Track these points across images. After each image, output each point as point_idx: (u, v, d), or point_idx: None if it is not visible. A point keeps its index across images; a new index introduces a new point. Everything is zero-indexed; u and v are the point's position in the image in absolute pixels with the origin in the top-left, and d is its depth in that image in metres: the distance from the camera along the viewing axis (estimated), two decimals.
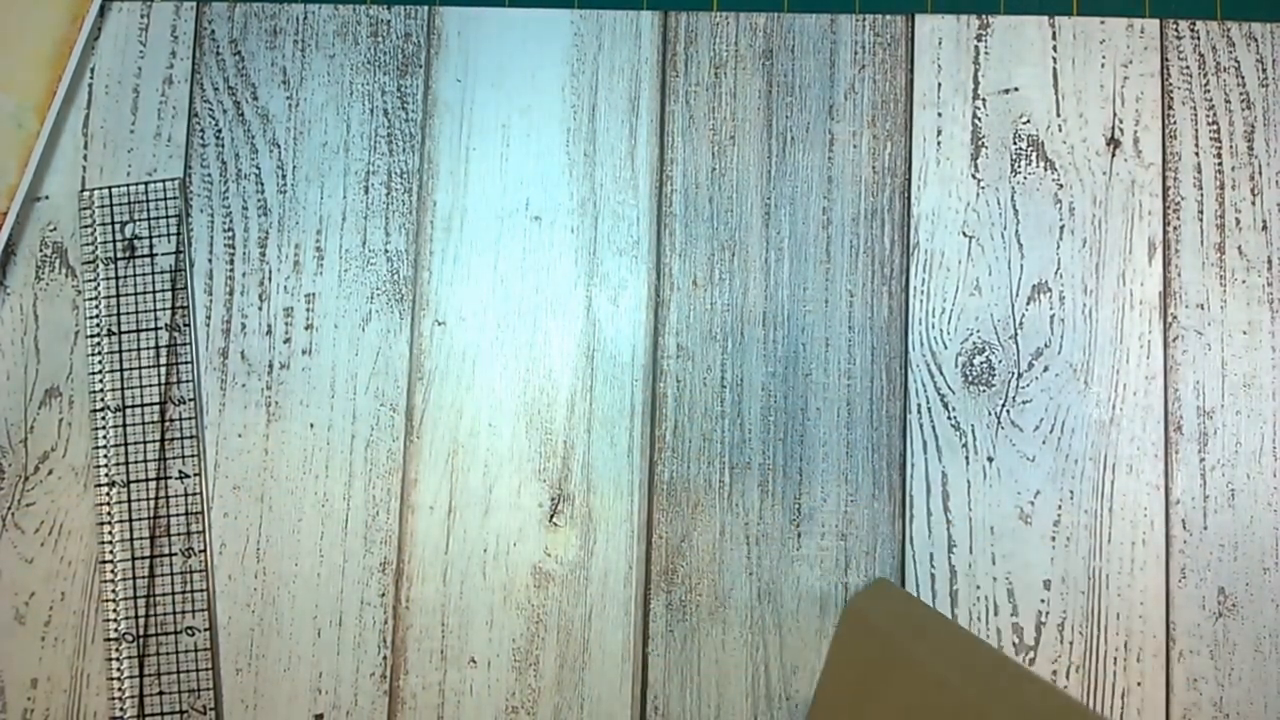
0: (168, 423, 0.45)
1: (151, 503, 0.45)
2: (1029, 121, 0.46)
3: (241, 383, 0.46)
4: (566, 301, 0.46)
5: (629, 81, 0.47)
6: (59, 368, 0.46)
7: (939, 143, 0.46)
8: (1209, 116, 0.46)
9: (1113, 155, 0.46)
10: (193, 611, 0.44)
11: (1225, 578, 0.44)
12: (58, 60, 0.47)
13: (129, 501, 0.45)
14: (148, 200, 0.47)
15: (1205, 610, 0.44)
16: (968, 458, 0.45)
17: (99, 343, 0.46)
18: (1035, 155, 0.46)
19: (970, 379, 0.45)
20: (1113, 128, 0.46)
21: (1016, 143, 0.46)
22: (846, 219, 0.46)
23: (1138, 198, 0.46)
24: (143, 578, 0.44)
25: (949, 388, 0.45)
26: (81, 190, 0.47)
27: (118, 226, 0.46)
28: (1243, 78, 0.46)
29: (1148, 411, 0.45)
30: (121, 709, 0.44)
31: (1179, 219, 0.46)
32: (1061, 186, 0.46)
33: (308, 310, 0.46)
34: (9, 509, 0.45)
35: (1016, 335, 0.45)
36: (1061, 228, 0.46)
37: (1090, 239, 0.46)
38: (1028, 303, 0.45)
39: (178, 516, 0.45)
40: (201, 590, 0.44)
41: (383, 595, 0.45)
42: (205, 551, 0.45)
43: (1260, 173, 0.46)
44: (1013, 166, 0.46)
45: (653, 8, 0.47)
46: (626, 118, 0.47)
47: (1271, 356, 0.45)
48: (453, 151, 0.47)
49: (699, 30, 0.47)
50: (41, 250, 0.47)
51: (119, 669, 0.44)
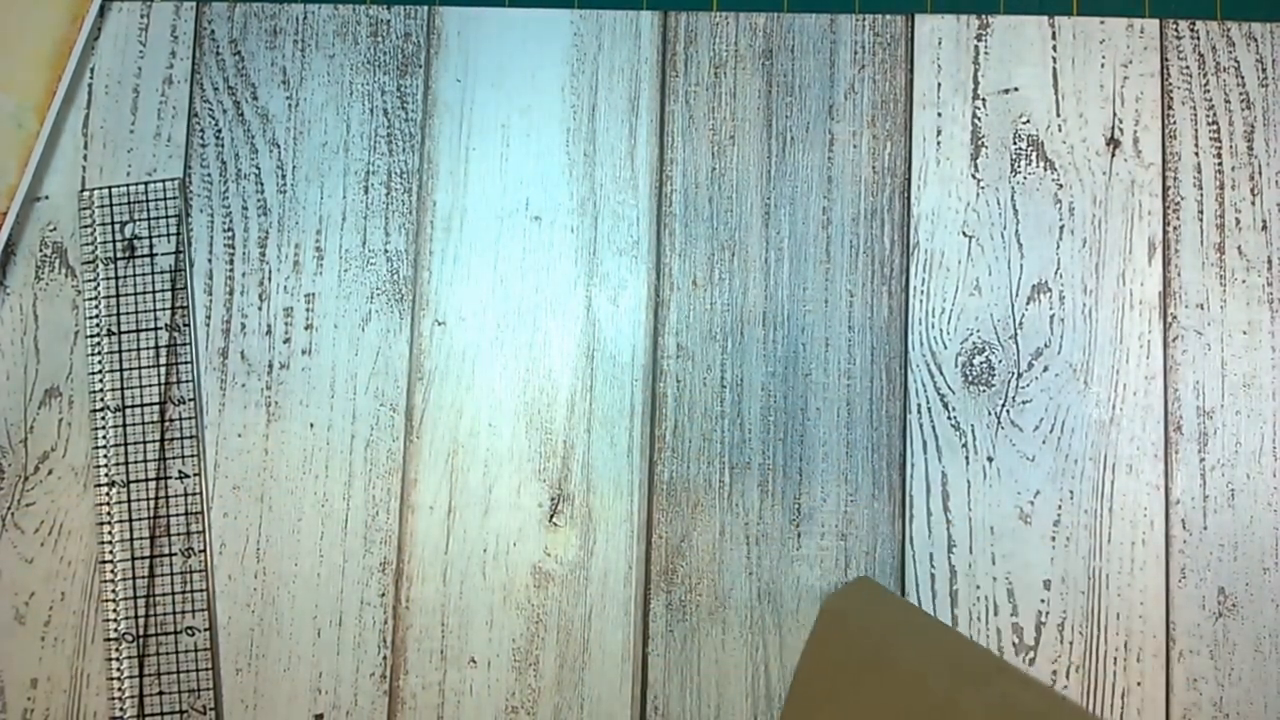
0: (168, 423, 0.45)
1: (151, 503, 0.45)
2: (1029, 121, 0.46)
3: (241, 383, 0.46)
4: (566, 301, 0.46)
5: (629, 81, 0.47)
6: (59, 368, 0.46)
7: (939, 143, 0.46)
8: (1209, 116, 0.46)
9: (1113, 155, 0.46)
10: (193, 611, 0.44)
11: (1225, 578, 0.44)
12: (58, 60, 0.47)
13: (129, 501, 0.45)
14: (148, 200, 0.47)
15: (1205, 610, 0.44)
16: (968, 458, 0.45)
17: (99, 343, 0.46)
18: (1035, 155, 0.46)
19: (970, 379, 0.45)
20: (1113, 128, 0.46)
21: (1016, 143, 0.46)
22: (846, 219, 0.46)
23: (1138, 198, 0.46)
24: (143, 578, 0.44)
25: (949, 388, 0.45)
26: (81, 190, 0.47)
27: (117, 226, 0.46)
28: (1243, 78, 0.46)
29: (1148, 411, 0.45)
30: (121, 709, 0.44)
31: (1179, 219, 0.46)
32: (1061, 186, 0.46)
33: (308, 310, 0.46)
34: (9, 509, 0.45)
35: (1016, 335, 0.45)
36: (1061, 228, 0.46)
37: (1090, 239, 0.46)
38: (1028, 303, 0.45)
39: (178, 516, 0.45)
40: (201, 590, 0.44)
41: (383, 595, 0.45)
42: (205, 551, 0.45)
43: (1260, 173, 0.46)
44: (1013, 166, 0.46)
45: (653, 8, 0.47)
46: (626, 118, 0.47)
47: (1271, 356, 0.45)
48: (453, 151, 0.47)
49: (699, 30, 0.47)
50: (41, 250, 0.47)
51: (119, 669, 0.44)
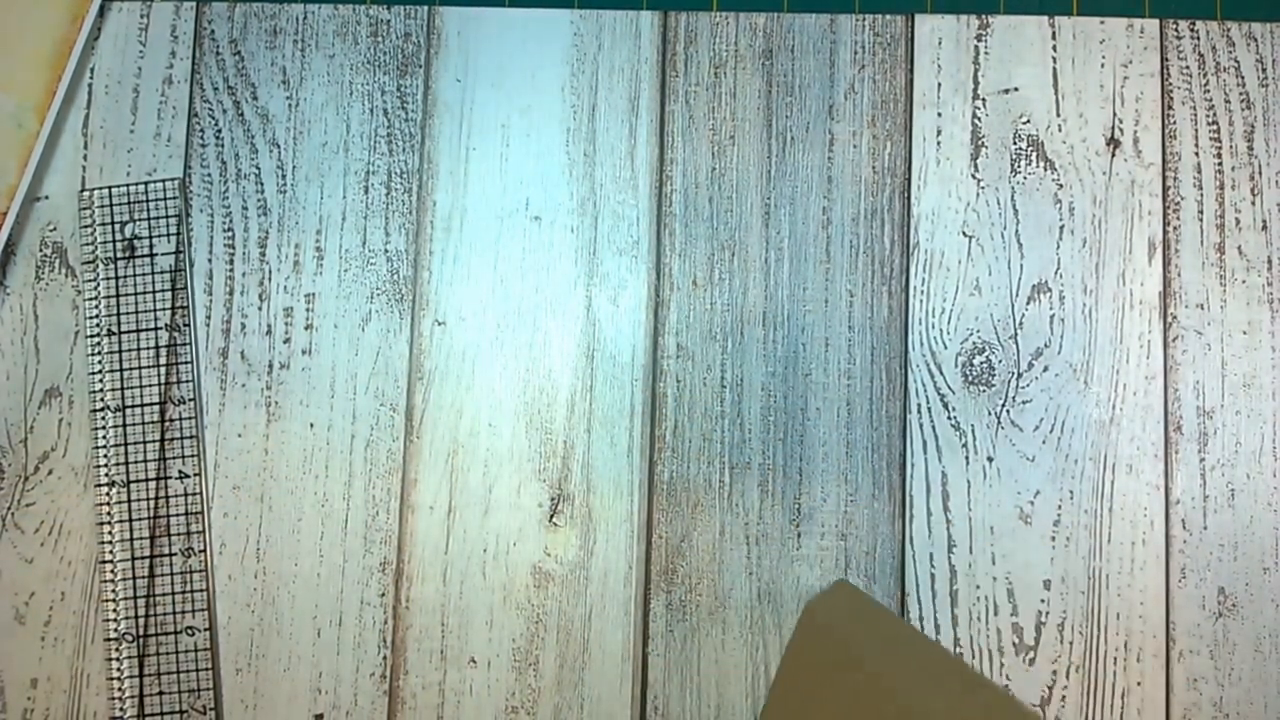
0: (168, 423, 0.45)
1: (151, 503, 0.45)
2: (1029, 121, 0.46)
3: (241, 383, 0.46)
4: (566, 301, 0.46)
5: (629, 81, 0.47)
6: (59, 368, 0.46)
7: (939, 143, 0.46)
8: (1209, 116, 0.46)
9: (1112, 155, 0.46)
10: (193, 611, 0.44)
11: (1225, 578, 0.44)
12: (58, 60, 0.47)
13: (129, 501, 0.45)
14: (148, 200, 0.47)
15: (1205, 610, 0.44)
16: (968, 458, 0.45)
17: (99, 343, 0.46)
18: (1035, 155, 0.46)
19: (970, 379, 0.45)
20: (1112, 128, 0.46)
21: (1016, 143, 0.46)
22: (846, 219, 0.46)
23: (1138, 198, 0.46)
24: (143, 578, 0.44)
25: (949, 388, 0.45)
26: (81, 190, 0.47)
27: (118, 226, 0.46)
28: (1243, 78, 0.46)
29: (1148, 411, 0.45)
30: (121, 709, 0.44)
31: (1179, 219, 0.46)
32: (1061, 186, 0.46)
33: (308, 310, 0.46)
34: (9, 509, 0.45)
35: (1016, 335, 0.45)
36: (1061, 228, 0.46)
37: (1090, 239, 0.46)
38: (1028, 303, 0.45)
39: (178, 516, 0.45)
40: (201, 590, 0.44)
41: (383, 595, 0.45)
42: (205, 551, 0.45)
43: (1260, 173, 0.46)
44: (1013, 166, 0.46)
45: (652, 8, 0.47)
46: (626, 118, 0.47)
47: (1271, 356, 0.45)
48: (453, 151, 0.47)
49: (699, 30, 0.47)
50: (41, 250, 0.47)
51: (119, 669, 0.44)
